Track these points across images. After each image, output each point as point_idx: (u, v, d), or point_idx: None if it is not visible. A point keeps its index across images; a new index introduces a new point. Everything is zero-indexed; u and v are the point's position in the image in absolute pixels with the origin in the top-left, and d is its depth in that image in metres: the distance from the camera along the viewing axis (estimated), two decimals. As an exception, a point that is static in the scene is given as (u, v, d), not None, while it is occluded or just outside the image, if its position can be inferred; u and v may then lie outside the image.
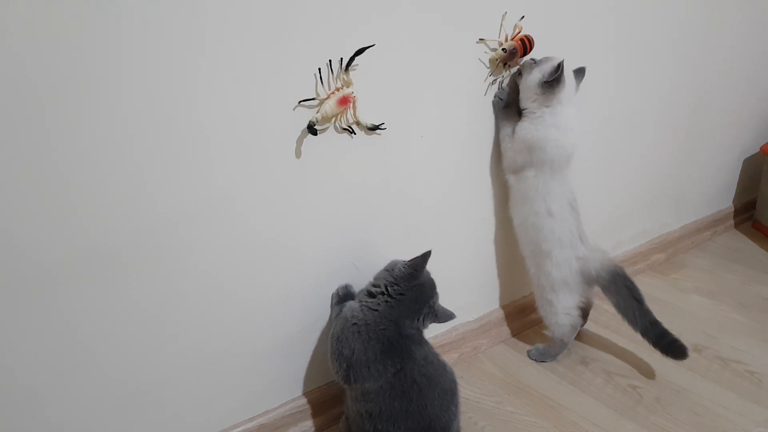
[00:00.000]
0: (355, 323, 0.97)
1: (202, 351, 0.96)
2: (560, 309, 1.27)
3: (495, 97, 1.19)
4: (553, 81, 1.11)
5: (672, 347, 1.21)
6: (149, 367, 0.91)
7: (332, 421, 1.16)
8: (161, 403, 0.94)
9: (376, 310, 0.98)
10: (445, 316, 1.05)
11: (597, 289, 1.29)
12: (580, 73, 1.21)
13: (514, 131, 1.19)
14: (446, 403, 0.98)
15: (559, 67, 1.11)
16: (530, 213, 1.21)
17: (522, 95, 1.17)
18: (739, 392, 1.22)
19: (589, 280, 1.26)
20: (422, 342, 1.01)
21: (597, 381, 1.27)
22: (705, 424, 1.14)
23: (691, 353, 1.34)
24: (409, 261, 1.01)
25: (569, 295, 1.26)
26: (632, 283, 1.24)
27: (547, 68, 1.12)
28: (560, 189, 1.19)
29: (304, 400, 1.11)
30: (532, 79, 1.13)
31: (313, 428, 1.13)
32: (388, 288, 0.99)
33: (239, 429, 1.04)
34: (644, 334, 1.23)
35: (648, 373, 1.29)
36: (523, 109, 1.17)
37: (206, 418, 1.01)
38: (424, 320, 1.01)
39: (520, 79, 1.16)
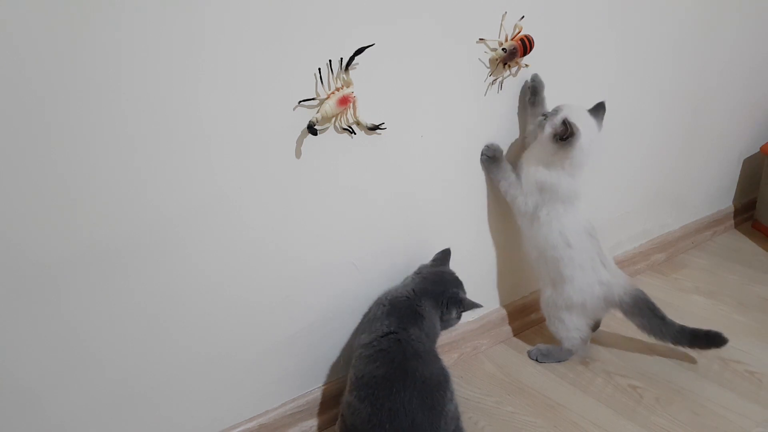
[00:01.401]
0: (387, 293, 1.08)
1: (202, 351, 0.96)
2: (572, 327, 1.27)
3: (482, 155, 1.20)
4: (566, 137, 1.11)
5: (709, 340, 1.24)
6: (149, 368, 0.91)
7: (332, 421, 1.16)
8: (161, 404, 0.94)
9: (405, 282, 1.11)
10: (470, 304, 1.09)
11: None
12: (599, 109, 1.20)
13: (519, 177, 1.21)
14: (430, 389, 0.94)
15: (566, 125, 1.10)
16: (548, 247, 1.21)
17: (540, 148, 1.17)
18: (739, 392, 1.22)
19: (610, 305, 1.26)
20: (424, 329, 1.02)
21: (597, 381, 1.27)
22: (705, 424, 1.14)
23: (691, 353, 1.35)
24: (435, 254, 1.15)
25: (583, 317, 1.27)
26: (653, 304, 1.25)
27: (557, 122, 1.12)
28: (575, 220, 1.20)
29: (304, 400, 1.11)
30: (546, 136, 1.14)
31: (313, 428, 1.13)
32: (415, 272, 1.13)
33: (239, 429, 1.04)
34: (677, 343, 1.26)
35: (648, 373, 1.29)
36: (539, 154, 1.18)
37: (206, 418, 1.01)
38: (448, 304, 1.07)
39: (540, 132, 1.16)
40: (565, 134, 1.11)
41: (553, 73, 1.25)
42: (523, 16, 1.13)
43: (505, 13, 1.10)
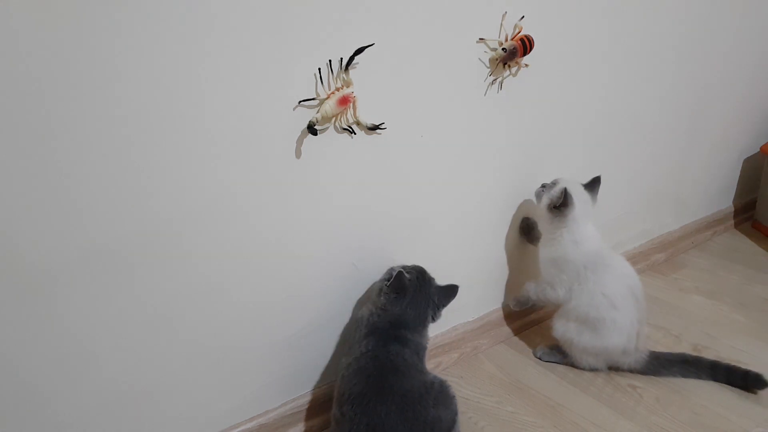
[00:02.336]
0: (359, 318, 1.06)
1: (203, 351, 0.96)
2: (586, 362, 1.29)
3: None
4: (561, 206, 1.19)
5: (748, 381, 1.21)
6: (150, 368, 0.91)
7: (332, 421, 1.16)
8: (161, 403, 0.94)
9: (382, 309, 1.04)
10: (448, 294, 1.09)
11: None
12: (594, 184, 1.28)
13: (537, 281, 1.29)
14: (410, 401, 0.95)
15: (563, 194, 1.18)
16: (590, 309, 1.22)
17: (539, 220, 1.28)
18: (739, 392, 1.22)
19: (628, 351, 1.26)
20: (408, 345, 1.02)
21: (597, 381, 1.27)
22: (705, 424, 1.14)
23: (691, 353, 1.35)
24: (387, 284, 1.03)
25: (596, 358, 1.28)
26: (670, 354, 1.28)
27: (555, 193, 1.21)
28: (613, 277, 1.22)
29: (304, 400, 1.11)
30: (543, 206, 1.24)
31: (313, 428, 1.13)
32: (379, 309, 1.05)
33: (239, 429, 1.04)
34: (716, 380, 1.24)
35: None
36: (543, 231, 1.27)
37: (206, 418, 1.01)
38: (434, 318, 1.07)
39: (537, 203, 1.26)
40: (559, 202, 1.19)
41: (553, 73, 1.25)
42: (523, 16, 1.13)
43: (505, 13, 1.10)
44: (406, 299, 1.03)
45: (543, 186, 1.26)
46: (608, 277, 1.22)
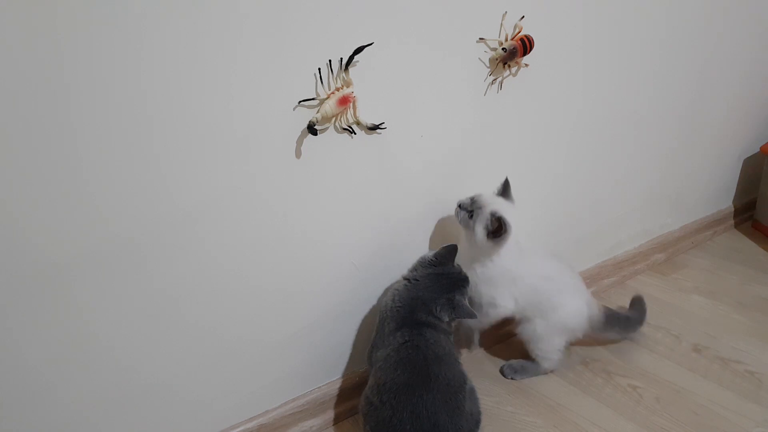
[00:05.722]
0: (382, 308, 1.05)
1: (202, 351, 0.96)
2: (555, 349, 1.25)
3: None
4: (497, 233, 1.09)
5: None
6: (150, 368, 0.91)
7: (332, 421, 1.16)
8: (162, 403, 0.94)
9: (397, 290, 1.05)
10: (463, 311, 1.03)
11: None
12: (506, 188, 1.17)
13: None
14: (453, 390, 0.96)
15: (500, 222, 1.08)
16: (533, 293, 1.18)
17: (465, 242, 1.14)
18: (739, 392, 1.22)
19: (590, 325, 1.26)
20: (440, 330, 1.02)
21: (597, 381, 1.27)
22: (705, 424, 1.14)
23: (691, 353, 1.35)
24: (437, 250, 1.08)
25: (566, 338, 1.26)
26: (616, 311, 1.33)
27: (486, 217, 1.09)
28: (540, 259, 1.20)
29: (304, 400, 1.11)
30: (479, 235, 1.10)
31: (313, 428, 1.13)
32: (410, 273, 1.08)
33: (239, 429, 1.04)
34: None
35: (648, 373, 1.29)
36: (471, 254, 1.14)
37: (207, 418, 1.01)
38: (440, 310, 1.02)
39: (467, 231, 1.13)
40: (500, 231, 1.08)
41: (552, 73, 1.25)
42: (523, 16, 1.13)
43: (505, 12, 1.10)
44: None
45: (460, 206, 1.13)
46: (535, 259, 1.18)
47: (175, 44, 0.77)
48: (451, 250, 1.08)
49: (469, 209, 1.12)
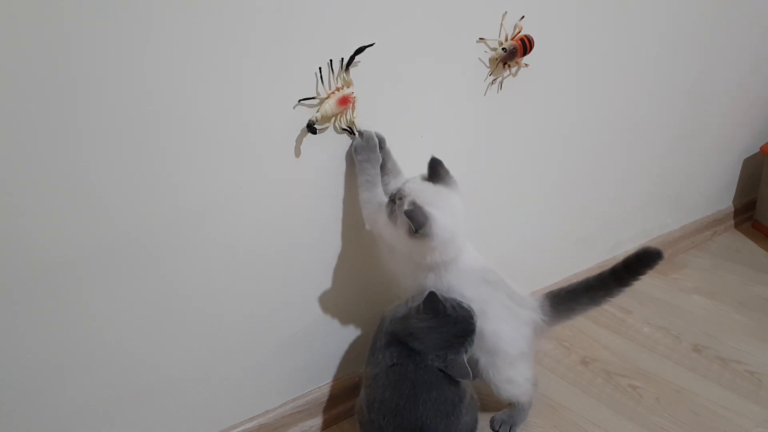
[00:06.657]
0: (383, 316, 1.01)
1: (203, 351, 0.96)
2: (522, 379, 1.08)
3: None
4: (417, 229, 0.87)
5: (646, 257, 1.02)
6: (150, 368, 0.91)
7: (332, 421, 1.16)
8: (162, 403, 0.94)
9: (395, 315, 0.98)
10: (456, 371, 0.94)
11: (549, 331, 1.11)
12: (434, 171, 0.95)
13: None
14: (444, 411, 0.94)
15: (418, 221, 0.86)
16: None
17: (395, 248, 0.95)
18: (739, 392, 1.22)
19: (541, 332, 1.08)
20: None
21: (597, 381, 1.27)
22: (705, 424, 1.14)
23: (691, 353, 1.35)
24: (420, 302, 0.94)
25: (528, 362, 1.09)
26: (570, 286, 1.07)
27: (407, 217, 0.86)
28: (463, 277, 0.98)
29: (304, 400, 1.11)
30: (403, 233, 0.90)
31: (313, 428, 1.13)
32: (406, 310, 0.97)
33: (239, 429, 1.04)
34: (623, 284, 1.06)
35: (648, 373, 1.29)
36: (406, 262, 0.96)
37: (207, 418, 1.01)
38: (432, 361, 0.94)
39: (391, 226, 0.92)
40: (419, 226, 0.86)
41: (552, 73, 1.25)
42: (523, 16, 1.13)
43: (505, 12, 1.10)
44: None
45: (393, 200, 0.91)
46: (455, 281, 0.97)
47: (180, 44, 0.77)
48: (432, 300, 0.92)
49: (395, 200, 0.90)
